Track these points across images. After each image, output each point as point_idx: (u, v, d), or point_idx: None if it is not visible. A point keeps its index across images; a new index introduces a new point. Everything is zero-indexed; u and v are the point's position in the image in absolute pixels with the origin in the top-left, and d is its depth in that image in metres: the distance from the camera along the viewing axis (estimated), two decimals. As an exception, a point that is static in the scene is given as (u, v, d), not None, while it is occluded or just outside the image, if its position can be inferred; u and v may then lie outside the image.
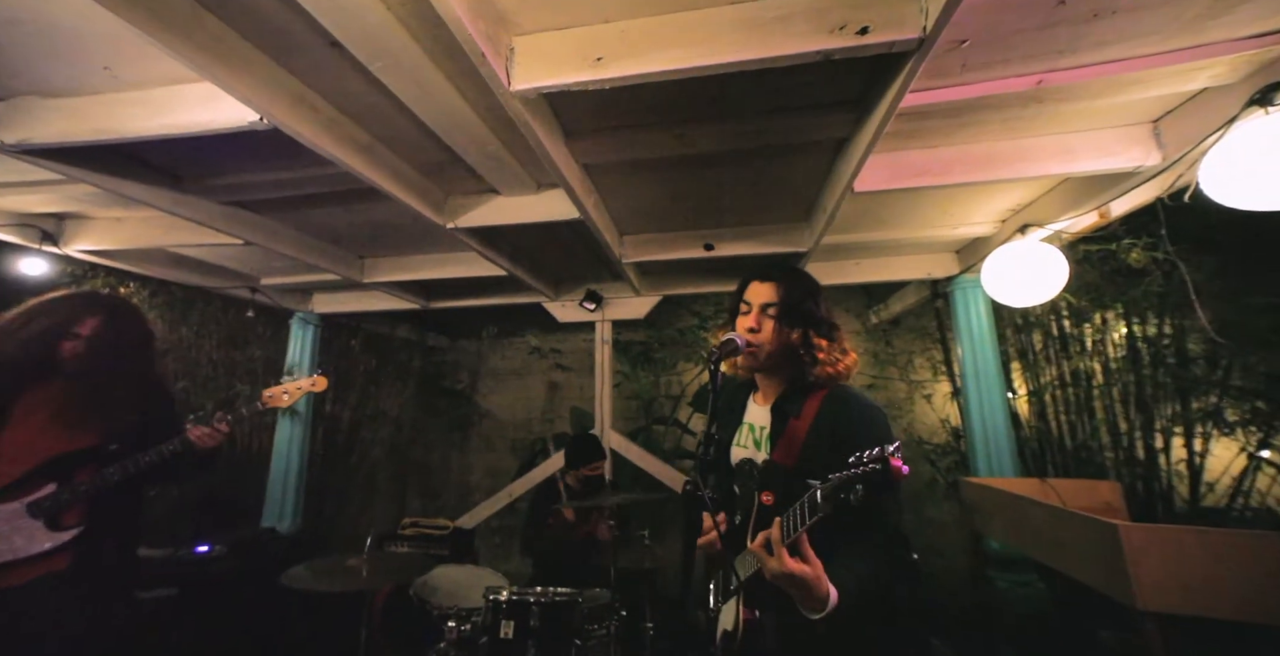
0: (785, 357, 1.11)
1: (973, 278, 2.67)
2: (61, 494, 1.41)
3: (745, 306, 1.15)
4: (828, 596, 0.86)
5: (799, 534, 0.85)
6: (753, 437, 1.14)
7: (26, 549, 1.36)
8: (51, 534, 1.39)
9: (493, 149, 1.79)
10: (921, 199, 2.21)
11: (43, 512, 1.40)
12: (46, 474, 1.43)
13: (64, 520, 1.42)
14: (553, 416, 4.58)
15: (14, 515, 1.38)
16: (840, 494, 0.79)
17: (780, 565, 0.85)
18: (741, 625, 0.96)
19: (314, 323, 3.60)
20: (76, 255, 2.33)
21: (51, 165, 1.57)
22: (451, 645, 1.59)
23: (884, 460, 0.77)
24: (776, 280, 1.14)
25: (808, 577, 0.85)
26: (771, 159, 1.95)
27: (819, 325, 1.11)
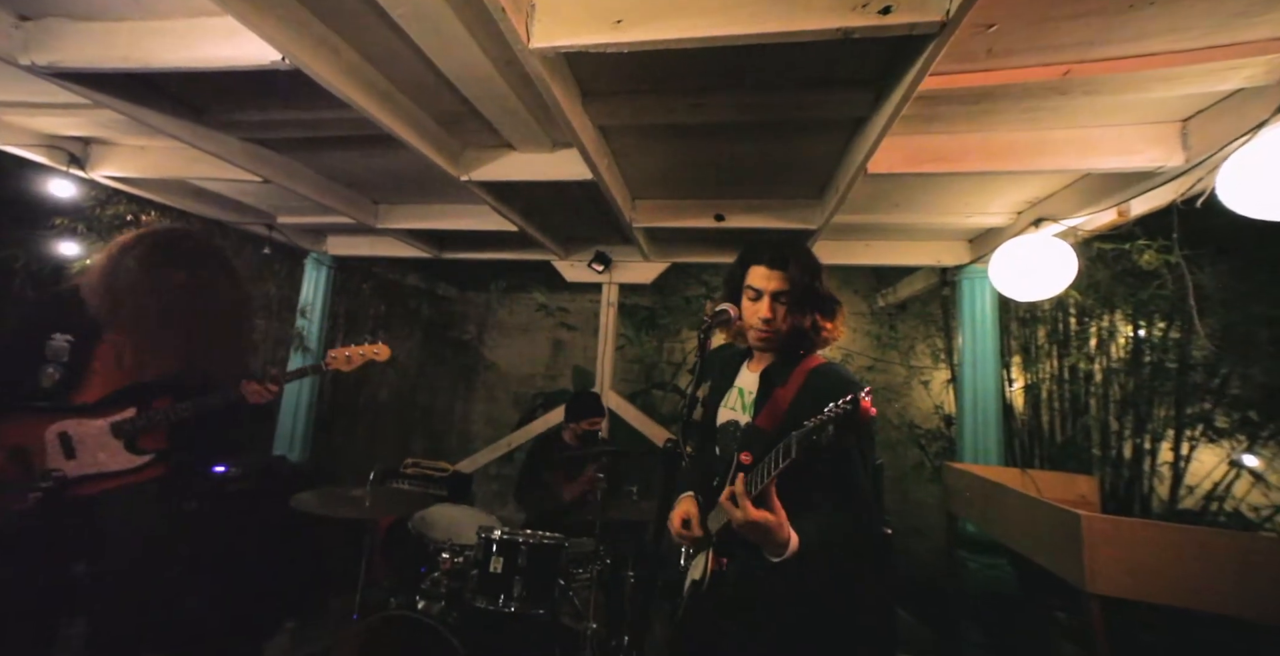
0: (791, 338, 1.17)
1: (983, 268, 2.65)
2: (139, 419, 1.54)
3: (753, 293, 1.18)
4: (788, 541, 0.95)
5: (768, 483, 0.93)
6: (741, 401, 1.21)
7: (107, 464, 1.51)
8: (130, 456, 1.53)
9: (510, 104, 1.79)
10: (937, 185, 2.18)
11: (123, 434, 1.53)
12: (128, 398, 1.55)
13: (140, 444, 1.55)
14: (555, 373, 4.70)
15: (100, 432, 1.52)
16: (812, 436, 0.86)
17: (744, 514, 0.94)
18: (709, 574, 1.06)
19: (328, 264, 3.67)
20: (101, 180, 2.39)
21: (79, 89, 1.60)
22: (444, 574, 1.75)
23: (855, 401, 0.83)
24: (785, 269, 1.16)
25: (770, 523, 0.94)
26: (787, 133, 1.93)
27: (825, 305, 1.17)
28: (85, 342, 1.55)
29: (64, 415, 1.51)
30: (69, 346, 1.54)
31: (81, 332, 1.55)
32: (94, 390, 1.54)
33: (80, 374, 1.54)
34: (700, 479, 1.19)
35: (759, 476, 0.95)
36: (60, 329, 1.55)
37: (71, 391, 1.53)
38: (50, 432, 1.50)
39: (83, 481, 1.50)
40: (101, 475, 1.51)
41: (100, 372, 1.55)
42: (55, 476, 1.46)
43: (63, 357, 1.53)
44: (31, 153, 2.14)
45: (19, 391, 1.51)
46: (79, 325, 1.55)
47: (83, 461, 1.51)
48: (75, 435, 1.51)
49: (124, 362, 1.57)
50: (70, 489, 1.48)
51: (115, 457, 1.52)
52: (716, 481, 1.16)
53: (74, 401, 1.52)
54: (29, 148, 2.12)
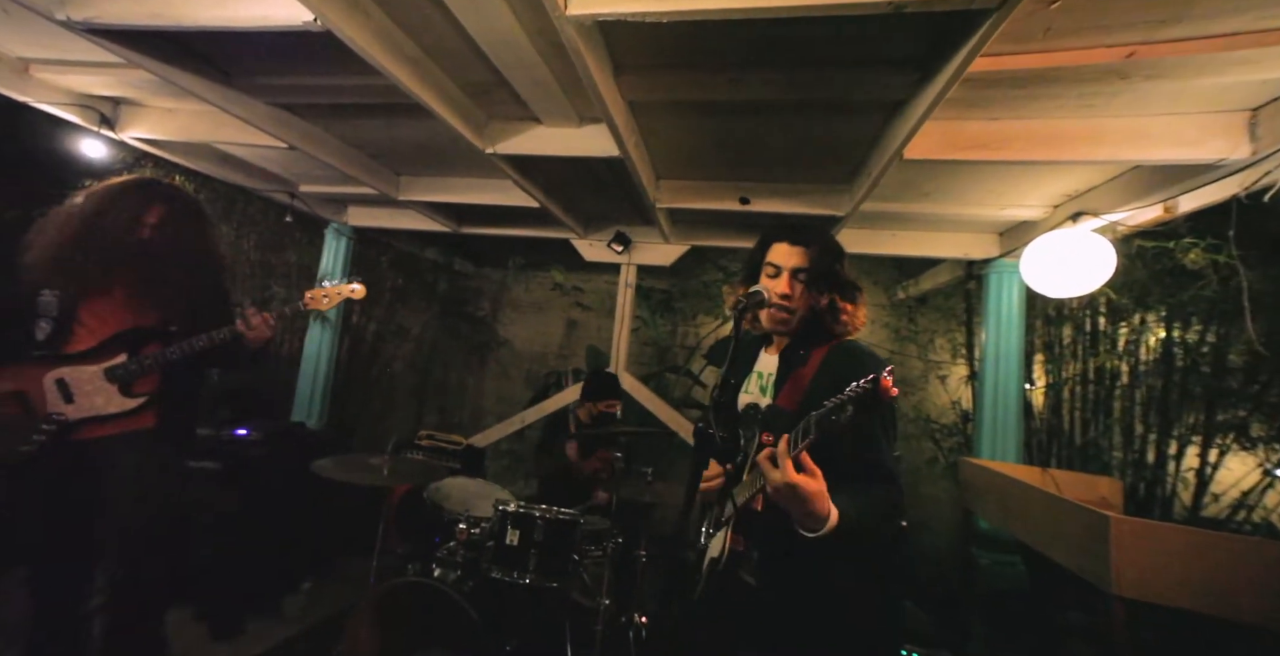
0: (809, 320, 1.14)
1: (1013, 262, 2.57)
2: (131, 364, 1.58)
3: (772, 269, 1.16)
4: (828, 514, 0.90)
5: (801, 451, 0.89)
6: (759, 384, 1.20)
7: (104, 408, 1.56)
8: (124, 399, 1.58)
9: (540, 75, 1.74)
10: (972, 174, 2.10)
11: (116, 379, 1.58)
12: (119, 345, 1.59)
13: (135, 388, 1.60)
14: (568, 352, 4.71)
15: (94, 377, 1.57)
16: (831, 416, 0.83)
17: (784, 475, 0.88)
18: (727, 552, 1.06)
19: (347, 234, 3.68)
20: (130, 141, 2.39)
21: (113, 47, 1.59)
22: (460, 544, 1.78)
23: (875, 380, 0.79)
24: (807, 245, 1.15)
25: (810, 489, 0.88)
26: (822, 114, 1.87)
27: (845, 289, 1.13)
28: (72, 296, 1.58)
29: (59, 363, 1.56)
30: (56, 301, 1.58)
31: (65, 287, 1.58)
32: (85, 340, 1.58)
33: (69, 327, 1.58)
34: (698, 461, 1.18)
35: (792, 441, 0.91)
36: (47, 286, 1.58)
37: (64, 343, 1.57)
38: (48, 379, 1.55)
39: (81, 425, 1.55)
40: (99, 418, 1.56)
41: (88, 324, 1.59)
42: (57, 419, 1.53)
43: (52, 312, 1.57)
44: (64, 111, 2.16)
45: (15, 345, 1.55)
46: (62, 280, 1.58)
47: (80, 405, 1.55)
48: (71, 380, 1.56)
49: (114, 310, 1.60)
50: (71, 432, 1.54)
51: (111, 401, 1.57)
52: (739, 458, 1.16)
53: (64, 351, 1.56)
54: (61, 106, 2.13)
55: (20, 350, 1.56)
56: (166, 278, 1.62)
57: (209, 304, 1.71)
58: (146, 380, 1.62)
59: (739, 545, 1.07)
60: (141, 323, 1.63)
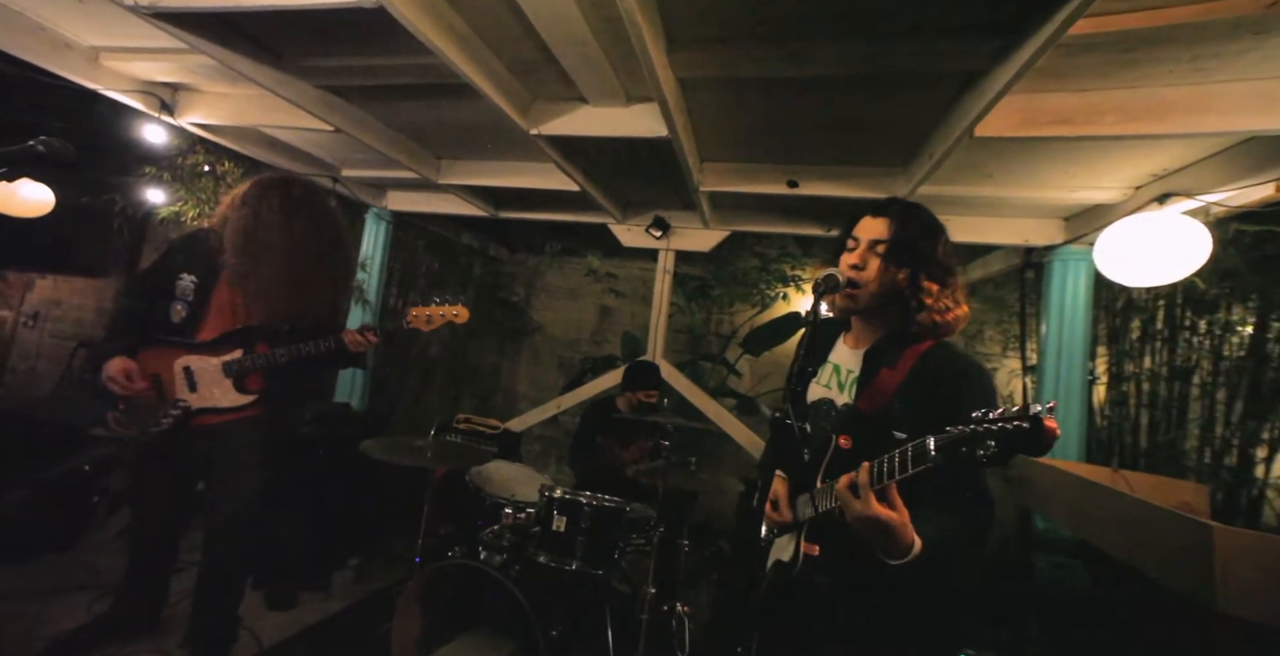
0: (888, 301, 1.04)
1: (1080, 249, 2.41)
2: (245, 361, 1.63)
3: (852, 242, 1.07)
4: (912, 544, 0.84)
5: (890, 482, 0.83)
6: (837, 379, 1.12)
7: (219, 400, 1.64)
8: (237, 395, 1.65)
9: (590, 52, 1.68)
10: (1046, 153, 1.95)
11: (232, 373, 1.64)
12: (236, 340, 1.65)
13: (247, 384, 1.66)
14: (601, 339, 4.70)
15: (215, 369, 1.64)
16: (962, 447, 0.73)
17: (866, 508, 0.83)
18: (801, 558, 1.00)
19: (387, 219, 3.72)
20: (188, 127, 2.44)
21: (175, 30, 1.61)
22: (507, 528, 1.79)
23: (1034, 418, 0.68)
24: (890, 215, 1.05)
25: (894, 523, 0.83)
26: (885, 90, 1.76)
27: (931, 266, 1.02)
28: (207, 283, 1.65)
29: (188, 350, 1.63)
30: (194, 286, 1.65)
31: (205, 273, 1.65)
32: (209, 329, 1.65)
33: (200, 313, 1.65)
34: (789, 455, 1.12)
35: (879, 470, 0.85)
36: (188, 270, 1.65)
37: (193, 330, 1.64)
38: (178, 365, 1.63)
39: (200, 413, 1.63)
40: (215, 410, 1.64)
41: (215, 313, 1.65)
42: (181, 405, 1.61)
43: (188, 296, 1.65)
44: (129, 97, 2.22)
45: (155, 325, 1.64)
46: (204, 267, 1.64)
47: (201, 395, 1.64)
48: (195, 370, 1.64)
49: (236, 305, 1.66)
50: (190, 419, 1.63)
51: (226, 395, 1.64)
52: (808, 456, 1.10)
53: (194, 338, 1.64)
54: (127, 93, 2.20)
55: (159, 329, 1.63)
56: (299, 281, 1.64)
57: (326, 310, 1.73)
58: (255, 378, 1.67)
59: (813, 551, 1.02)
60: (257, 319, 1.66)
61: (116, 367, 1.55)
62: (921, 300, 1.00)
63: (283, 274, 1.63)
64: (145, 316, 1.65)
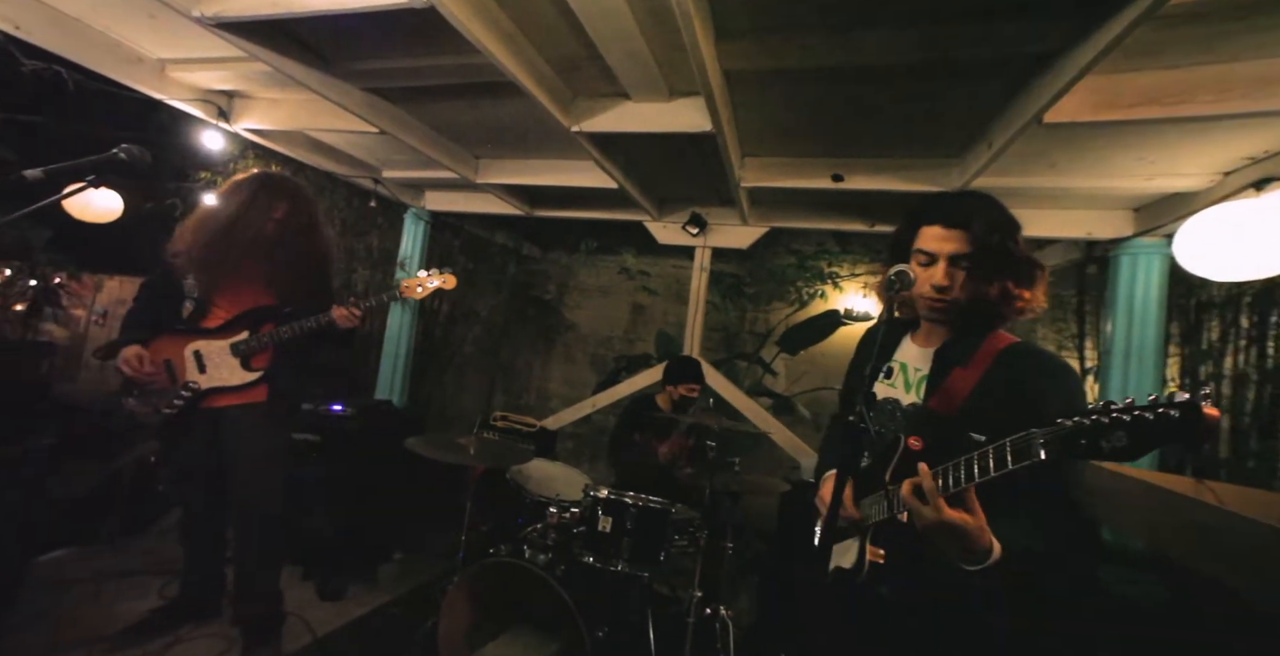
0: (973, 310, 0.99)
1: (1152, 241, 2.25)
2: (251, 341, 1.74)
3: (924, 257, 1.01)
4: (989, 548, 0.79)
5: (969, 485, 0.77)
6: (904, 378, 1.07)
7: (229, 379, 1.75)
8: (245, 372, 1.75)
9: (635, 46, 1.66)
10: (1119, 138, 1.82)
11: (239, 353, 1.75)
12: (243, 323, 1.76)
13: (253, 363, 1.77)
14: (634, 337, 4.69)
15: (222, 351, 1.75)
16: (1080, 440, 0.66)
17: (937, 514, 0.79)
18: (867, 565, 0.96)
19: (425, 218, 3.78)
20: (242, 132, 2.53)
21: (235, 39, 1.68)
22: (551, 527, 1.79)
23: (1186, 405, 0.60)
24: (966, 227, 0.97)
25: (968, 528, 0.78)
26: (944, 76, 1.67)
27: (1020, 272, 0.96)
28: (210, 280, 1.77)
29: (197, 336, 1.75)
30: (197, 285, 1.78)
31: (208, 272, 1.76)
32: (216, 318, 1.76)
33: (207, 306, 1.77)
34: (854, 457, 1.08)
35: (957, 473, 0.80)
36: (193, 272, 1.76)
37: (201, 319, 1.77)
38: (188, 350, 1.74)
39: (210, 393, 1.74)
40: (224, 389, 1.74)
41: (219, 304, 1.77)
42: (192, 387, 1.72)
43: (194, 294, 1.78)
44: (191, 106, 2.34)
45: (169, 318, 1.76)
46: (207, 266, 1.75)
47: (211, 376, 1.75)
48: (205, 353, 1.75)
49: (240, 293, 1.77)
50: (202, 400, 1.74)
51: (234, 373, 1.74)
52: (868, 460, 1.05)
53: (202, 326, 1.75)
54: (189, 101, 2.30)
55: (169, 324, 1.75)
56: (285, 264, 1.77)
57: (318, 289, 1.84)
58: (262, 356, 1.77)
59: (878, 557, 0.97)
60: (261, 303, 1.78)
61: (130, 353, 1.66)
62: (1013, 306, 0.97)
63: (269, 259, 1.74)
64: (158, 313, 1.77)
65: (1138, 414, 0.64)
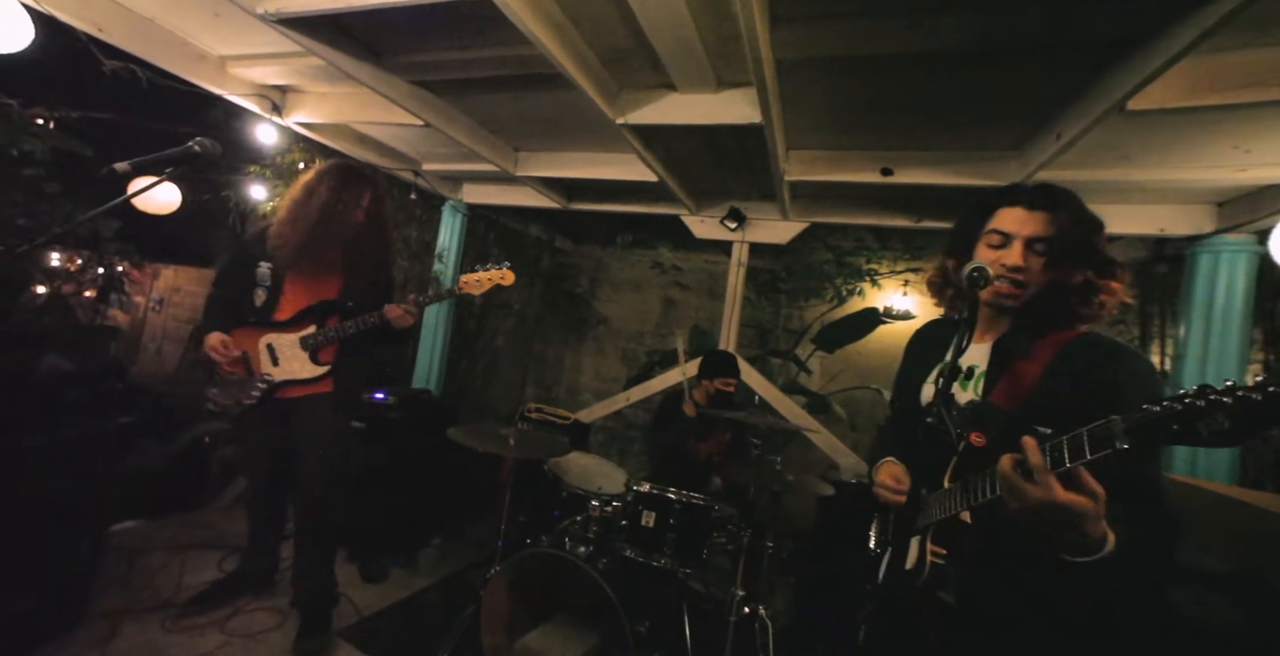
0: (1046, 301, 0.94)
1: (1238, 239, 2.09)
2: (319, 335, 1.77)
3: (998, 238, 0.96)
4: (1104, 538, 0.70)
5: (1074, 465, 0.68)
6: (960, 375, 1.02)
7: (299, 373, 1.78)
8: (314, 366, 1.79)
9: (685, 35, 1.62)
10: (1209, 126, 1.69)
11: (308, 347, 1.78)
12: (311, 316, 1.79)
13: (320, 357, 1.80)
14: (665, 332, 4.66)
15: (293, 345, 1.78)
16: (1174, 425, 0.60)
17: (1047, 493, 0.69)
18: (929, 567, 0.92)
19: (463, 211, 3.82)
20: (293, 126, 2.60)
21: (293, 35, 1.71)
22: (593, 520, 1.80)
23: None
24: (1050, 209, 0.93)
25: (1086, 511, 0.68)
26: (1014, 63, 1.58)
27: (1104, 266, 0.91)
28: (280, 269, 1.79)
29: (270, 328, 1.78)
30: (270, 272, 1.80)
31: (275, 261, 1.79)
32: (286, 309, 1.78)
33: (277, 295, 1.79)
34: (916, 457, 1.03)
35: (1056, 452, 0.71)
36: (264, 258, 1.80)
37: (272, 311, 1.79)
38: (261, 343, 1.78)
39: (283, 385, 1.78)
40: (294, 382, 1.78)
41: (289, 295, 1.79)
42: (267, 379, 1.76)
43: (266, 282, 1.80)
44: (248, 101, 2.41)
45: (242, 309, 1.80)
46: (272, 255, 1.78)
47: (283, 369, 1.78)
48: (277, 346, 1.78)
49: (307, 285, 1.79)
50: (275, 392, 1.78)
51: (304, 367, 1.77)
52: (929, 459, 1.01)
53: (272, 319, 1.78)
54: (246, 96, 2.37)
55: (244, 312, 1.79)
56: (360, 257, 1.78)
57: (382, 283, 1.87)
58: (328, 350, 1.80)
59: (938, 557, 0.93)
60: (326, 296, 1.80)
61: (216, 340, 1.71)
62: (1093, 301, 0.91)
63: (350, 252, 1.75)
64: (233, 302, 1.80)
65: (1242, 395, 0.58)
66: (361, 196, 1.76)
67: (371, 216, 1.79)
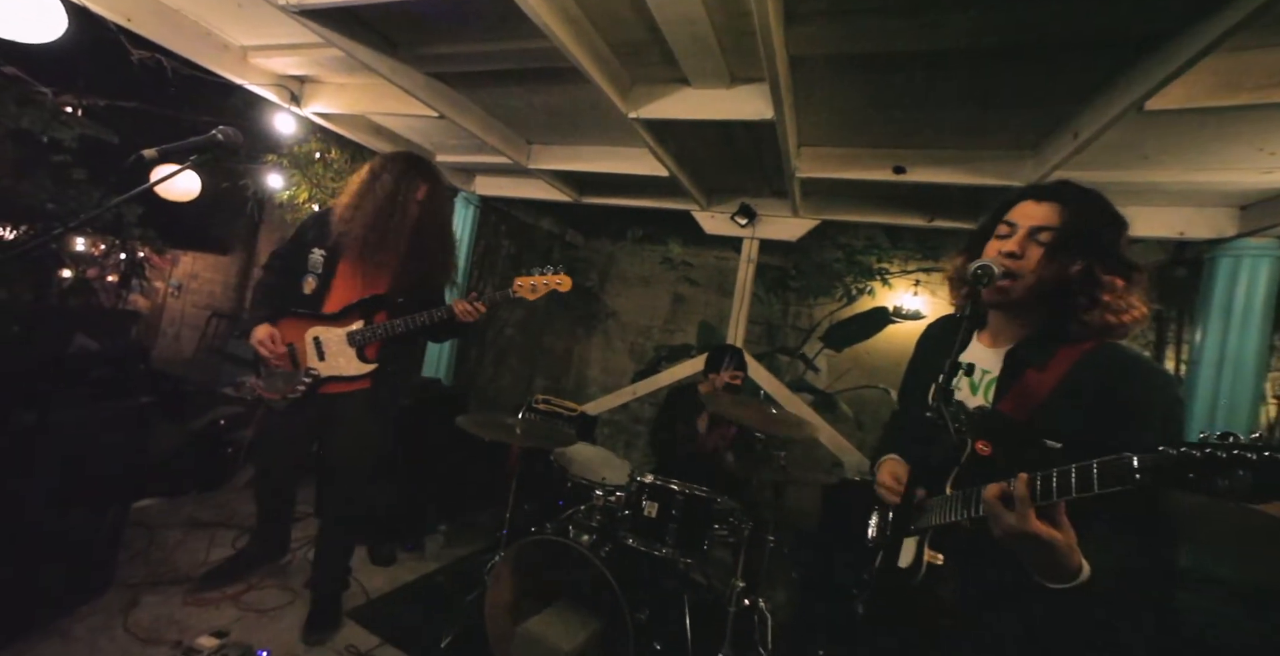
0: (1045, 296, 0.91)
1: (1261, 243, 2.05)
2: (366, 331, 1.72)
3: (1006, 228, 0.95)
4: (1079, 569, 0.74)
5: (1060, 500, 0.72)
6: (969, 380, 1.02)
7: (345, 369, 1.75)
8: (360, 364, 1.74)
9: (700, 30, 1.62)
10: (1232, 126, 1.65)
11: (355, 344, 1.73)
12: (358, 311, 1.74)
13: (367, 354, 1.76)
14: (674, 327, 4.68)
15: (340, 340, 1.74)
16: (1189, 473, 0.60)
17: (1022, 524, 0.73)
18: (925, 567, 0.94)
19: (475, 203, 3.86)
20: (311, 117, 2.64)
21: (314, 26, 1.73)
22: (596, 509, 1.83)
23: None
24: (1061, 200, 0.91)
25: (1057, 544, 0.72)
26: (1030, 61, 1.56)
27: (1110, 259, 0.88)
28: (333, 257, 1.75)
29: (318, 321, 1.73)
30: (323, 260, 1.76)
31: (331, 248, 1.74)
32: (334, 301, 1.74)
33: (327, 284, 1.75)
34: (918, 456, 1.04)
35: (1049, 484, 0.74)
36: (318, 245, 1.76)
37: (321, 302, 1.75)
38: (308, 336, 1.74)
39: (327, 381, 1.74)
40: (339, 378, 1.74)
41: (340, 285, 1.75)
42: (312, 373, 1.73)
43: (318, 269, 1.76)
44: (268, 91, 2.45)
45: (290, 296, 1.76)
46: (330, 242, 1.74)
47: (330, 363, 1.74)
48: (324, 340, 1.74)
49: (359, 277, 1.75)
50: (319, 386, 1.74)
51: (350, 364, 1.73)
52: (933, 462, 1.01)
53: (320, 309, 1.74)
54: (265, 86, 2.41)
55: (292, 300, 1.75)
56: (414, 251, 1.71)
57: (434, 281, 1.80)
58: (374, 346, 1.76)
59: (937, 560, 0.94)
60: (376, 291, 1.74)
61: (264, 333, 1.69)
62: (1098, 297, 0.87)
63: (403, 245, 1.69)
64: (282, 289, 1.78)
65: (1269, 455, 0.56)
66: (418, 188, 1.72)
67: (430, 210, 1.74)
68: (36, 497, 1.52)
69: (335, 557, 1.89)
